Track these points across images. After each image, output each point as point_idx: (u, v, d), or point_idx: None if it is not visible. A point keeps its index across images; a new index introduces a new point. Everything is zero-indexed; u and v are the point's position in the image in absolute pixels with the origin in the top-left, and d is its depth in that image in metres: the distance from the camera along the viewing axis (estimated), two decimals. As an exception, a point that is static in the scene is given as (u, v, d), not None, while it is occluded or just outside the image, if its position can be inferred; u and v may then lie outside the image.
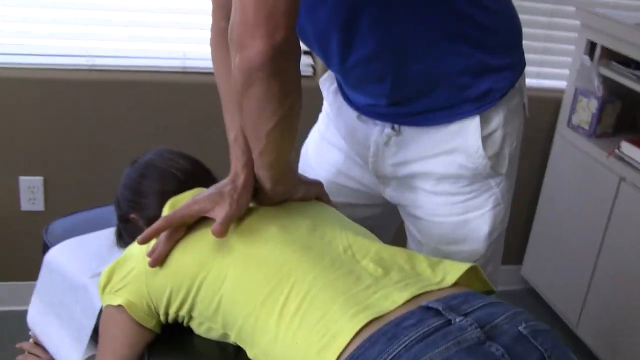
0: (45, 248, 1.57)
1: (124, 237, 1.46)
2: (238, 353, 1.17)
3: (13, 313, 2.38)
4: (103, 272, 1.27)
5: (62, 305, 1.48)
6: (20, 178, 2.41)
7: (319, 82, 1.57)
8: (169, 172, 1.38)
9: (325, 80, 1.54)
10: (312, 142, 1.63)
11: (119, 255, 1.28)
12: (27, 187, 2.42)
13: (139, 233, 1.23)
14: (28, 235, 2.42)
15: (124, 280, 1.23)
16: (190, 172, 1.39)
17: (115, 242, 1.50)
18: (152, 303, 1.21)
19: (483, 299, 1.02)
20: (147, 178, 1.39)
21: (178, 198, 1.28)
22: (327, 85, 1.54)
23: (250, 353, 1.11)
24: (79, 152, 2.43)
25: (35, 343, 1.56)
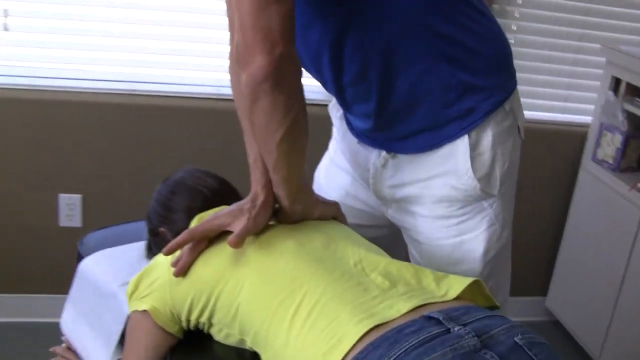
0: (80, 258, 1.67)
1: (153, 249, 1.53)
2: (254, 359, 1.24)
3: (49, 325, 2.46)
4: (131, 280, 1.36)
5: (93, 312, 1.56)
6: (60, 195, 2.53)
7: (328, 108, 1.64)
8: (198, 190, 1.47)
9: (333, 107, 1.61)
10: (323, 166, 1.71)
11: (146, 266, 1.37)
12: (65, 204, 2.54)
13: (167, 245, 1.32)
14: (64, 250, 2.51)
15: (150, 288, 1.32)
16: (218, 190, 1.48)
17: (145, 254, 1.58)
18: (175, 310, 1.29)
19: (483, 312, 1.08)
20: (177, 195, 1.48)
21: (204, 214, 1.35)
22: (334, 112, 1.61)
23: (264, 357, 1.18)
24: (117, 172, 2.54)
25: (68, 348, 1.63)
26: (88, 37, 2.44)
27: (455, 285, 1.15)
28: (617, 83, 2.59)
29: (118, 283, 1.51)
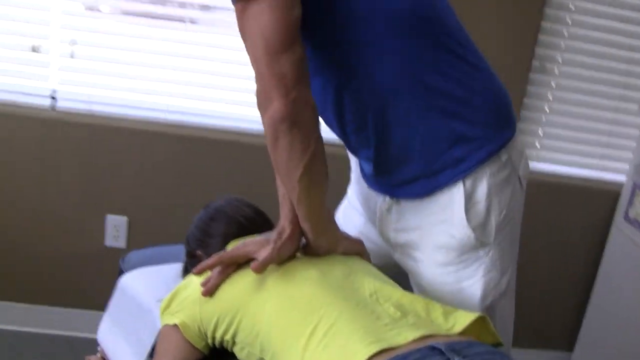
0: (120, 274, 1.79)
1: (189, 270, 1.64)
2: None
3: (91, 340, 2.58)
4: (165, 296, 1.47)
5: (128, 324, 1.67)
6: (108, 216, 2.67)
7: (348, 151, 1.71)
8: (235, 218, 1.58)
9: None
10: (342, 206, 1.80)
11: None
12: (112, 225, 2.68)
13: (201, 268, 1.43)
14: (109, 269, 2.64)
15: (181, 305, 1.42)
16: (253, 220, 1.59)
17: (182, 274, 1.69)
18: (202, 326, 1.39)
19: (485, 347, 1.15)
20: (215, 221, 1.59)
21: (240, 240, 1.46)
22: (351, 155, 1.69)
23: (281, 373, 1.27)
24: (161, 197, 2.68)
25: (102, 358, 1.74)
26: (145, 69, 2.60)
27: (461, 320, 1.23)
28: (652, 144, 2.64)
29: (154, 299, 1.62)
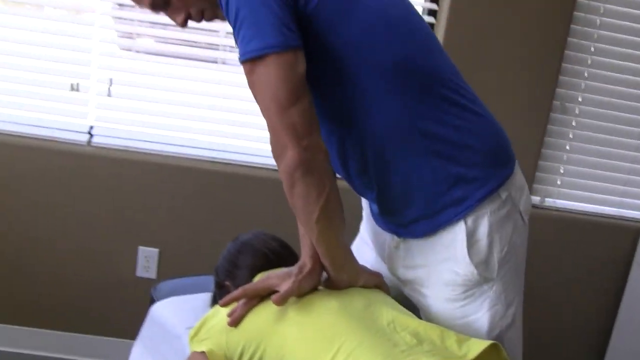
0: (152, 302, 1.87)
1: (217, 300, 1.72)
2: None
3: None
4: (194, 325, 1.55)
5: (158, 350, 1.75)
6: (140, 248, 2.77)
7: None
8: (262, 251, 1.66)
9: None
10: (355, 242, 1.84)
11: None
12: (144, 256, 2.77)
13: (228, 298, 1.51)
14: (139, 299, 2.73)
15: (209, 333, 1.50)
16: (280, 253, 1.67)
17: (210, 303, 1.77)
18: (228, 353, 1.46)
19: None
20: (243, 254, 1.68)
21: (266, 273, 1.54)
22: None
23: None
24: (191, 230, 2.77)
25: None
26: (178, 107, 2.71)
27: (475, 347, 1.30)
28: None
29: (183, 327, 1.70)
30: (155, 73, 2.69)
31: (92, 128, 2.71)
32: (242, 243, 1.71)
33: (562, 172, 2.91)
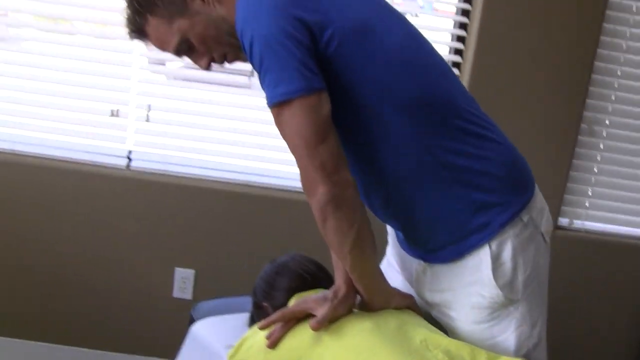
0: (192, 321, 1.94)
1: (255, 319, 1.78)
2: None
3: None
4: (233, 344, 1.61)
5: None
6: (176, 269, 2.84)
7: None
8: (298, 273, 1.72)
9: None
10: (382, 266, 1.86)
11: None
12: (180, 277, 2.84)
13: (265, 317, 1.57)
14: (175, 319, 2.79)
15: (248, 353, 1.57)
16: (315, 274, 1.73)
17: (248, 323, 1.83)
18: None
19: None
20: (280, 275, 1.74)
21: (302, 294, 1.61)
22: None
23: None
24: (226, 252, 2.84)
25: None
26: (214, 132, 2.80)
27: None
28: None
29: (223, 345, 1.77)
30: (191, 99, 2.77)
31: (130, 152, 2.80)
32: (279, 265, 1.77)
33: (590, 194, 2.94)
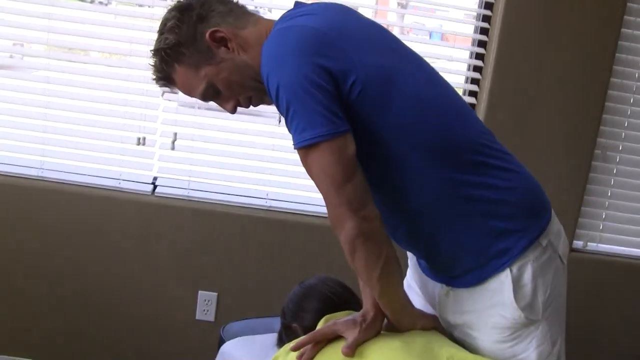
0: (221, 341, 2.01)
1: (284, 339, 1.84)
2: None
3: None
4: (266, 363, 1.68)
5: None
6: (199, 292, 2.91)
7: None
8: (326, 295, 1.79)
9: None
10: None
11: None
12: (203, 300, 2.91)
13: (295, 338, 1.64)
14: (199, 341, 2.89)
15: None
16: (343, 297, 1.80)
17: (276, 342, 1.89)
18: None
19: None
20: (308, 298, 1.81)
21: (331, 316, 1.66)
22: None
23: None
24: (248, 275, 2.91)
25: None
26: (239, 159, 2.89)
27: None
28: None
29: (252, 364, 1.84)
30: (214, 127, 2.86)
31: (156, 179, 2.89)
32: (307, 287, 1.84)
33: (604, 217, 3.02)
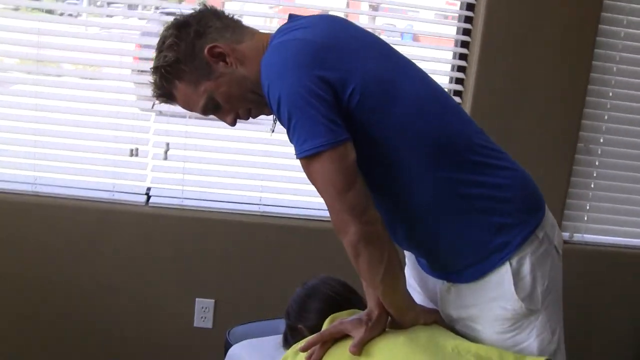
0: (227, 345, 2.06)
1: (289, 340, 1.90)
2: None
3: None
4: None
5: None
6: (197, 299, 2.94)
7: None
8: (329, 295, 1.85)
9: None
10: None
11: (284, 354, 1.74)
12: (201, 307, 2.95)
13: (301, 339, 1.70)
14: (197, 348, 2.93)
15: None
16: (346, 296, 1.86)
17: (282, 344, 1.94)
18: None
19: None
20: (311, 298, 1.87)
21: (336, 315, 1.72)
22: None
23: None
24: (244, 281, 2.95)
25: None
26: (232, 166, 2.93)
27: None
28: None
29: (261, 365, 1.89)
30: (206, 135, 2.89)
31: (149, 189, 2.92)
32: (310, 288, 1.89)
33: (588, 208, 3.11)
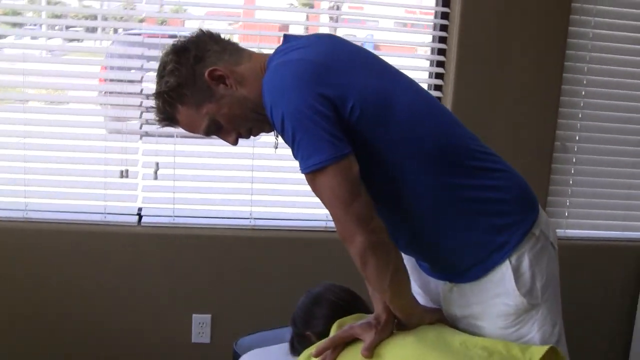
0: (235, 356, 2.11)
1: (297, 348, 1.94)
2: None
3: None
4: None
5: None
6: (194, 315, 2.98)
7: None
8: (333, 301, 1.91)
9: None
10: None
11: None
12: (198, 323, 2.98)
13: (309, 345, 1.76)
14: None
15: None
16: (350, 302, 1.92)
17: (289, 351, 1.99)
18: None
19: None
20: (317, 305, 1.92)
21: (343, 320, 1.78)
22: None
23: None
24: (240, 295, 2.99)
25: None
26: (220, 182, 2.99)
27: (537, 352, 1.56)
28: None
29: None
30: (194, 153, 2.95)
31: (141, 210, 2.96)
32: (314, 295, 1.95)
33: (568, 204, 3.21)
